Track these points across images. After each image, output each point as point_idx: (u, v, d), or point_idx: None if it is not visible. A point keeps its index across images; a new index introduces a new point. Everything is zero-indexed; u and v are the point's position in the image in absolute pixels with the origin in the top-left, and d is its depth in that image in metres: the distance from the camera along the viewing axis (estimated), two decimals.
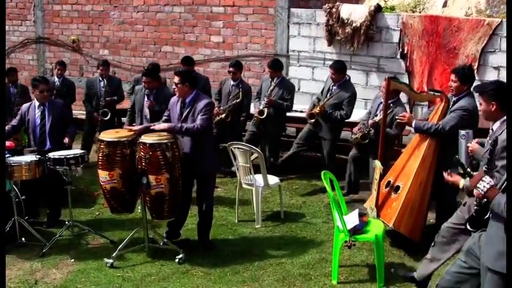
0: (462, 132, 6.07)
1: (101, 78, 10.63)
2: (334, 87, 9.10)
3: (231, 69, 9.91)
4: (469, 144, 5.68)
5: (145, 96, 8.62)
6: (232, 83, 9.92)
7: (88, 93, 10.75)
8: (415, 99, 8.85)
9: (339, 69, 9.04)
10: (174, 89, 7.20)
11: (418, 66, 10.36)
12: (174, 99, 7.24)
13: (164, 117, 7.32)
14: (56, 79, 10.84)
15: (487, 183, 4.31)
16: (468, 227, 4.81)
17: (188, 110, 6.98)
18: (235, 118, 9.89)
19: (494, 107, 5.00)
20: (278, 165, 9.64)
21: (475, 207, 4.69)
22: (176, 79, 6.97)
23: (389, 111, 7.85)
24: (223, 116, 9.69)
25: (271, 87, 9.65)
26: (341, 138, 9.62)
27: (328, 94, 9.11)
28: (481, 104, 5.32)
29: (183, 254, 6.97)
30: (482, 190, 4.32)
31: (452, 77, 6.99)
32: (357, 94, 9.17)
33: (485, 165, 4.59)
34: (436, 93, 7.47)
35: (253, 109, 9.96)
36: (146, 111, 8.62)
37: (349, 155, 8.84)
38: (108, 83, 10.60)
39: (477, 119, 6.87)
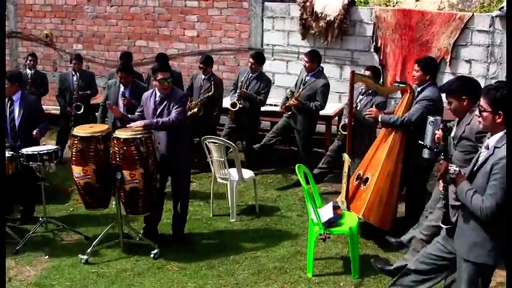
0: (431, 118, 6.22)
1: (74, 73, 10.54)
2: (307, 78, 9.13)
3: (201, 65, 9.90)
4: (436, 132, 5.76)
5: (120, 92, 8.58)
6: (203, 77, 9.91)
7: (61, 88, 10.64)
8: (381, 91, 8.91)
9: (313, 57, 9.08)
10: (156, 85, 7.12)
11: (391, 59, 10.43)
12: (147, 94, 7.21)
13: (137, 114, 7.29)
14: (29, 71, 10.83)
15: (457, 168, 4.42)
16: (441, 224, 4.89)
17: (164, 104, 6.99)
18: (207, 112, 9.87)
19: (466, 100, 5.08)
20: (255, 153, 9.69)
21: (443, 202, 4.77)
22: (164, 75, 6.94)
23: (369, 100, 8.00)
24: (195, 110, 9.67)
25: (249, 79, 9.66)
26: (316, 132, 9.66)
27: (302, 85, 9.15)
28: (450, 104, 5.41)
29: (158, 249, 6.97)
30: (452, 174, 4.40)
31: (415, 67, 7.12)
32: (329, 85, 9.20)
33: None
34: (400, 85, 7.59)
35: (228, 102, 9.95)
36: (121, 105, 8.59)
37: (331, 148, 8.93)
38: (81, 78, 10.52)
39: (442, 109, 6.99)
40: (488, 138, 4.47)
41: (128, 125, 7.02)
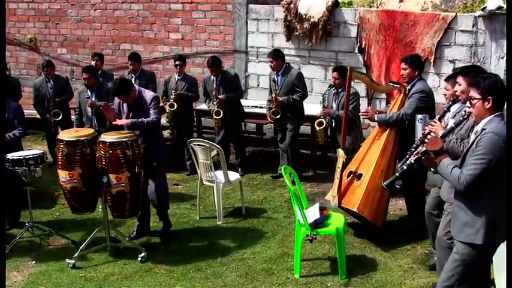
0: (419, 116, 6.37)
1: (47, 80, 10.46)
2: (278, 77, 9.28)
3: (177, 62, 9.93)
4: (426, 128, 5.85)
5: (85, 96, 8.72)
6: (177, 77, 9.95)
7: (37, 96, 10.57)
8: (376, 90, 9.05)
9: (276, 56, 9.27)
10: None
11: (375, 60, 10.46)
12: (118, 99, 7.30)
13: None
14: None
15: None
16: (383, 183, 5.10)
17: (136, 107, 7.13)
18: (187, 112, 9.99)
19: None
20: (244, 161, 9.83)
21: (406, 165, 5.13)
22: (121, 97, 7.14)
23: (339, 96, 8.34)
24: (171, 108, 9.73)
25: (215, 86, 9.69)
26: (302, 133, 9.70)
27: (276, 86, 9.22)
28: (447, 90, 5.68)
29: (145, 253, 6.97)
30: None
31: (403, 65, 7.24)
32: (302, 73, 9.39)
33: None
34: (395, 85, 7.65)
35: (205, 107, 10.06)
36: (89, 109, 8.65)
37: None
38: (55, 83, 10.44)
39: (433, 100, 7.16)
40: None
41: (117, 121, 7.12)
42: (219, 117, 9.56)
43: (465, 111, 5.09)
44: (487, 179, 4.40)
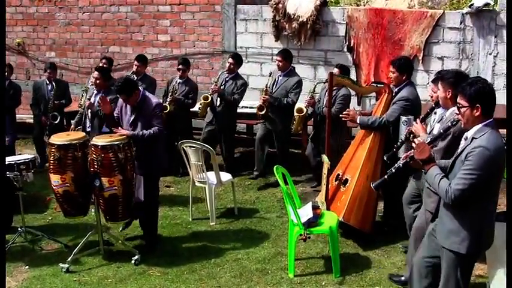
0: (404, 118, 6.37)
1: (48, 82, 10.47)
2: (280, 77, 9.25)
3: (180, 66, 9.85)
4: (411, 128, 5.91)
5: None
6: (179, 80, 9.90)
7: (35, 97, 10.58)
8: (359, 92, 9.02)
9: (286, 56, 9.23)
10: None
11: (364, 58, 10.51)
12: (121, 100, 7.22)
13: (115, 115, 7.31)
14: None
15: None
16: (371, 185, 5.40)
17: (138, 111, 7.03)
18: (183, 115, 9.93)
19: (450, 94, 5.23)
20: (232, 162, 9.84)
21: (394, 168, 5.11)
22: (123, 96, 7.01)
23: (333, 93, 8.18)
24: (166, 110, 9.66)
25: (225, 80, 9.70)
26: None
27: (274, 86, 9.23)
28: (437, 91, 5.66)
29: (139, 255, 6.96)
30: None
31: (391, 68, 7.20)
32: (302, 82, 9.32)
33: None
34: (378, 85, 7.66)
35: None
36: (89, 112, 8.65)
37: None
38: (57, 86, 10.46)
39: (419, 108, 7.07)
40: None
41: (114, 129, 7.05)
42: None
43: (454, 119, 5.04)
44: (476, 192, 4.32)
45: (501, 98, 9.45)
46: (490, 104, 4.37)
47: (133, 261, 6.92)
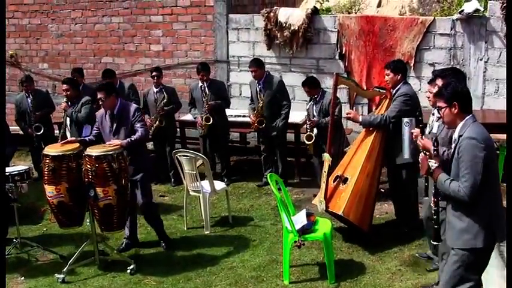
0: (405, 120, 6.52)
1: (27, 95, 10.45)
2: (261, 85, 9.34)
3: (154, 73, 9.87)
4: (413, 131, 6.05)
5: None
6: (155, 90, 9.90)
7: (19, 112, 10.57)
8: (362, 95, 9.14)
9: (259, 64, 9.34)
10: (101, 104, 7.26)
11: (356, 66, 10.55)
12: (100, 112, 7.35)
13: (94, 131, 7.42)
14: None
15: (435, 163, 4.78)
16: (432, 242, 5.29)
17: (118, 119, 7.13)
18: (169, 124, 9.99)
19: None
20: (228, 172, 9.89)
21: (433, 217, 5.08)
22: (101, 94, 7.09)
23: (318, 104, 8.54)
24: (157, 123, 9.69)
25: (206, 92, 9.62)
26: (287, 141, 9.76)
27: (259, 96, 9.27)
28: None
29: (134, 265, 6.98)
30: (432, 165, 4.76)
31: (385, 71, 7.37)
32: (283, 80, 9.51)
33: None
34: (381, 90, 7.70)
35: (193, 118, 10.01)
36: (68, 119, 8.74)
37: None
38: (35, 98, 10.44)
39: (418, 103, 7.26)
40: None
41: (107, 142, 7.11)
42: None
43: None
44: (483, 180, 4.45)
45: (492, 103, 9.60)
46: (466, 100, 4.65)
47: (128, 271, 6.93)
